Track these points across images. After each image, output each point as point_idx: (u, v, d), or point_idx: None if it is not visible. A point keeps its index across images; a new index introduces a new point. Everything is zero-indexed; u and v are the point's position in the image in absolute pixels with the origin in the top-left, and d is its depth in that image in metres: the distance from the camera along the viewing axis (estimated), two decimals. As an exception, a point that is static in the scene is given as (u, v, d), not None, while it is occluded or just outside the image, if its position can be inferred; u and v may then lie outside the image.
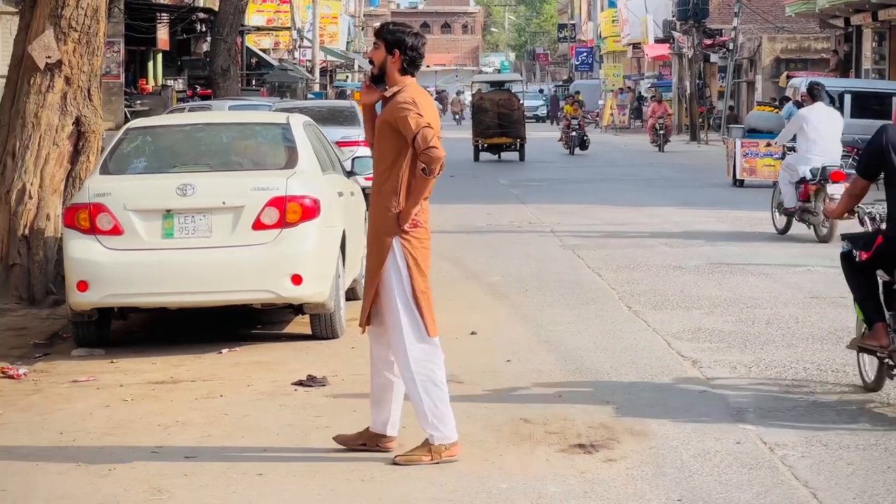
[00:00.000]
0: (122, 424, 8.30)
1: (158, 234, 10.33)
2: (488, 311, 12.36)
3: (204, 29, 42.21)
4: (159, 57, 43.17)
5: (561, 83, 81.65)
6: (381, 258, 7.26)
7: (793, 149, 18.25)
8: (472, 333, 11.07)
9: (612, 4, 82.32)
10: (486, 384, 9.21)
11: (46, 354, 10.72)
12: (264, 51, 57.00)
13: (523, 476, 7.00)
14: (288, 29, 58.32)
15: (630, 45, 76.54)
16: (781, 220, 18.51)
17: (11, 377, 9.77)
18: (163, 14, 39.18)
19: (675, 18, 56.68)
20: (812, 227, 17.69)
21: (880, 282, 8.61)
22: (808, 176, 17.49)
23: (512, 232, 19.40)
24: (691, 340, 10.74)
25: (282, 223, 10.31)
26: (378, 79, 7.38)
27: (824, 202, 16.90)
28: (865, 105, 32.56)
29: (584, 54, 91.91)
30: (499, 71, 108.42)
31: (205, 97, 35.39)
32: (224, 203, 10.32)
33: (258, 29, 54.85)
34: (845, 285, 13.37)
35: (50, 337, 11.39)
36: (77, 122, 13.13)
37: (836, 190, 16.34)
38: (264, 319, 11.93)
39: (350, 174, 12.36)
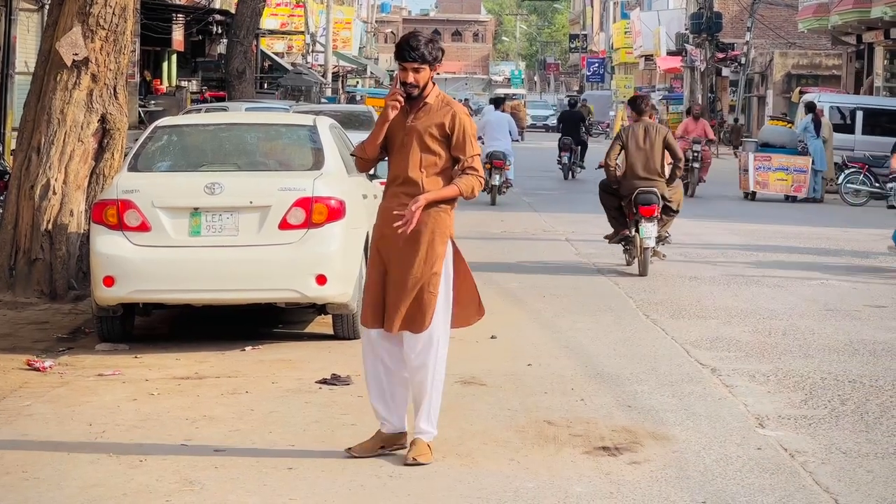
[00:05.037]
0: (150, 418, 8.39)
1: (185, 232, 10.43)
2: (507, 315, 12.45)
3: (220, 31, 42.36)
4: (174, 58, 43.34)
5: (574, 93, 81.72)
6: (437, 260, 7.33)
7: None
8: (493, 337, 11.16)
9: (625, 16, 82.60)
10: (508, 387, 9.31)
11: (70, 348, 10.80)
12: (277, 54, 57.17)
13: (549, 476, 7.09)
14: (301, 33, 58.49)
15: (642, 56, 76.71)
16: None
17: (37, 370, 9.86)
18: (179, 15, 39.32)
19: (688, 31, 56.88)
20: None
21: None
22: None
23: (527, 239, 19.51)
24: (709, 349, 10.84)
25: (308, 223, 10.41)
26: (413, 96, 7.37)
27: None
28: (876, 122, 32.78)
29: (596, 65, 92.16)
30: (509, 79, 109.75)
31: (218, 99, 35.45)
32: (251, 202, 10.42)
33: (272, 32, 55.02)
34: (859, 298, 13.58)
35: (73, 331, 11.48)
36: (102, 119, 13.24)
37: None
38: (285, 319, 12.04)
39: (373, 177, 12.46)
